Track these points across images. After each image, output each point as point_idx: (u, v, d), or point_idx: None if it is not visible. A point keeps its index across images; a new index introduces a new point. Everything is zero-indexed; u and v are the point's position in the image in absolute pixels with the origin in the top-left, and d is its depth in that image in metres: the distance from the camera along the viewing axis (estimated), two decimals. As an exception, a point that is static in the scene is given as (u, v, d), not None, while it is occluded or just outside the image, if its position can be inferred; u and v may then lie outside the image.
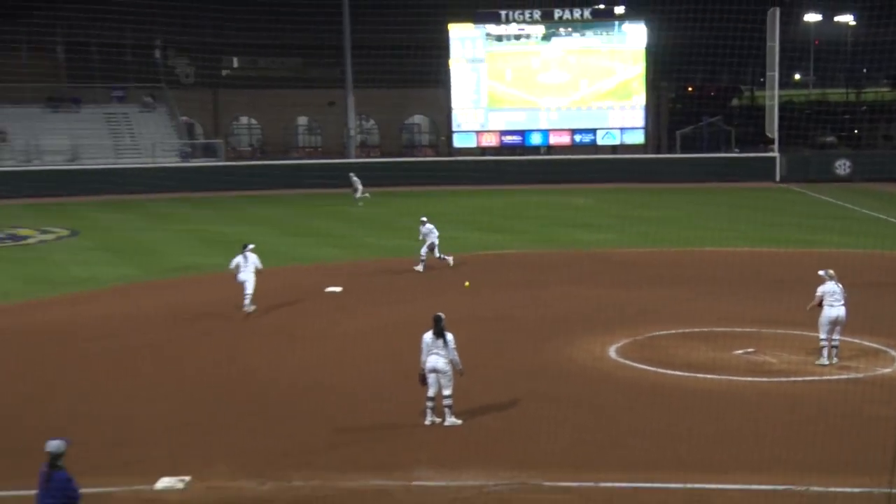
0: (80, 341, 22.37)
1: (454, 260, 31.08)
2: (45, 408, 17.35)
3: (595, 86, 64.98)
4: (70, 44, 65.56)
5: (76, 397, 18.08)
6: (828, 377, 18.52)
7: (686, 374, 18.84)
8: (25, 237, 41.24)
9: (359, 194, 50.56)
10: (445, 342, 15.82)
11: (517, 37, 64.53)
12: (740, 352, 20.20)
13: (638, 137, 65.34)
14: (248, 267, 24.95)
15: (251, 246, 25.49)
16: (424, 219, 31.15)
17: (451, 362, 15.84)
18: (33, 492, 10.76)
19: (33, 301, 27.54)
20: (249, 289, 24.91)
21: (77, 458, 10.72)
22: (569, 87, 64.88)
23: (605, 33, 64.27)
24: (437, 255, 30.72)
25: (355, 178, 51.26)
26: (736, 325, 22.29)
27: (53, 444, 10.64)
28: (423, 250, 30.67)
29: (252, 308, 24.90)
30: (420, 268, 30.58)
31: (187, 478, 13.80)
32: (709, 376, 18.57)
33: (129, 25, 58.79)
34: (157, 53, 70.78)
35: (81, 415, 16.69)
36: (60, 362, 20.64)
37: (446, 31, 64.02)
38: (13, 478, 13.65)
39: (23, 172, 57.61)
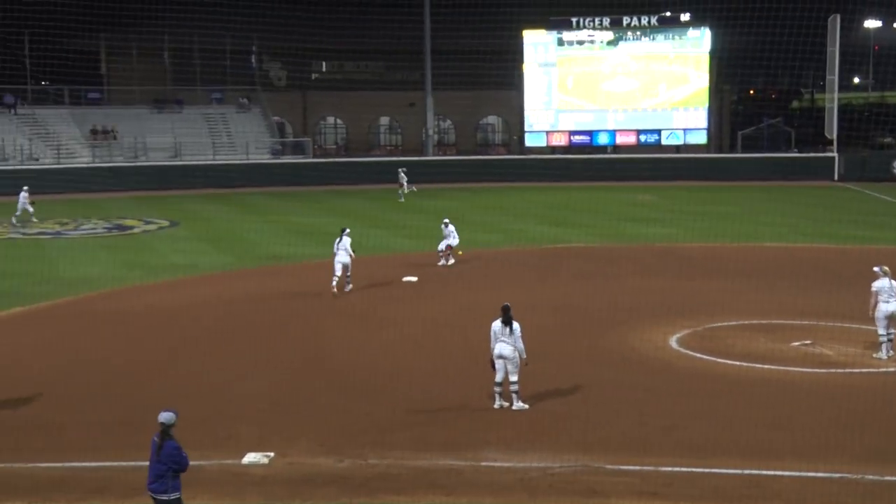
0: (178, 324, 22.64)
1: (446, 260, 30.13)
2: (145, 386, 17.51)
3: (660, 88, 64.02)
4: (175, 50, 66.74)
5: (174, 376, 18.25)
6: (883, 369, 17.90)
7: (744, 363, 18.34)
8: (131, 227, 41.98)
9: (404, 190, 50.82)
10: (512, 330, 15.62)
11: (580, 42, 63.83)
12: (797, 343, 19.64)
13: (701, 138, 64.32)
14: (342, 250, 25.20)
15: (347, 230, 25.82)
16: (447, 220, 30.84)
17: (517, 350, 15.65)
18: (145, 463, 10.82)
19: (137, 286, 27.93)
20: (349, 270, 25.37)
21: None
22: (636, 90, 64.03)
23: (672, 38, 63.25)
24: (444, 248, 30.11)
25: (403, 174, 51.52)
26: (794, 317, 21.66)
27: (165, 416, 10.63)
28: (443, 246, 30.21)
29: (334, 290, 25.10)
30: (447, 261, 30.07)
31: (271, 454, 13.82)
32: (766, 366, 18.07)
33: (227, 33, 59.53)
34: (253, 59, 71.56)
35: (178, 392, 16.78)
36: (160, 343, 20.87)
37: (520, 37, 63.66)
38: (121, 448, 13.91)
39: (130, 168, 58.89)
